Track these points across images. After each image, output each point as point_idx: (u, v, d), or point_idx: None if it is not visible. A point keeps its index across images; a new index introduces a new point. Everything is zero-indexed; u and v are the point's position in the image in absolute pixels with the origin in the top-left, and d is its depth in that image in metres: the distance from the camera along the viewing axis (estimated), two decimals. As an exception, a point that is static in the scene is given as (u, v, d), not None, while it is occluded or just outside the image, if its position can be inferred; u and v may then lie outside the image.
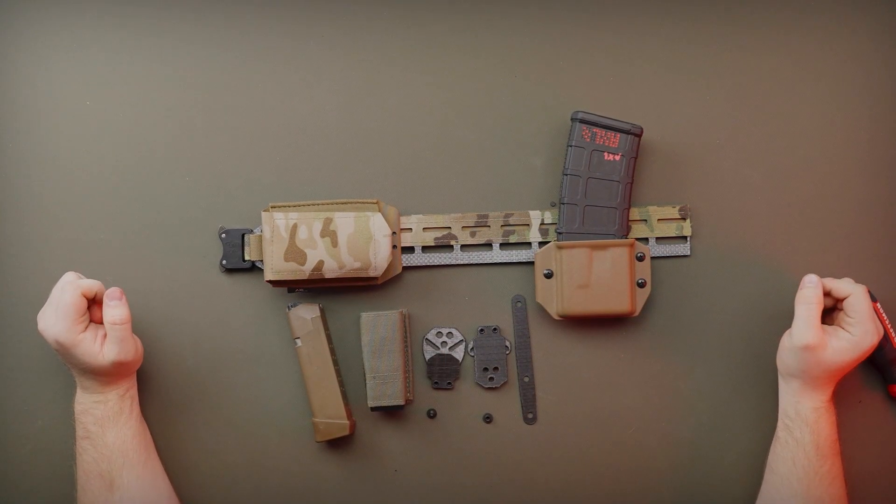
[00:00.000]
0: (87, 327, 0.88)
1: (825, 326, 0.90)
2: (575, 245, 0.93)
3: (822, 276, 0.95)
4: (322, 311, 0.95)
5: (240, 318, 0.96)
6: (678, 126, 0.97)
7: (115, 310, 0.88)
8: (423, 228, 0.96)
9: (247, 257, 0.96)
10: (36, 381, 0.96)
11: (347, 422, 0.94)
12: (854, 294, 0.89)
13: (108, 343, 0.88)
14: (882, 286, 0.95)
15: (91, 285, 0.89)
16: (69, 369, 0.91)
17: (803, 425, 0.89)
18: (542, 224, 0.96)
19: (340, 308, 0.97)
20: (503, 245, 0.97)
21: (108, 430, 0.89)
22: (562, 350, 0.97)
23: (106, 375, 0.89)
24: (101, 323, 0.89)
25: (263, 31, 0.97)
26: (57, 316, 0.86)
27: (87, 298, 0.88)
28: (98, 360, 0.87)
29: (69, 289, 0.87)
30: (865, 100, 0.96)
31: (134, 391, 0.92)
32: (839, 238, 0.96)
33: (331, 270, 0.92)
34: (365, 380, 0.94)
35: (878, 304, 0.93)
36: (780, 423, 0.91)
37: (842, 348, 0.87)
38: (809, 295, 0.89)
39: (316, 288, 0.96)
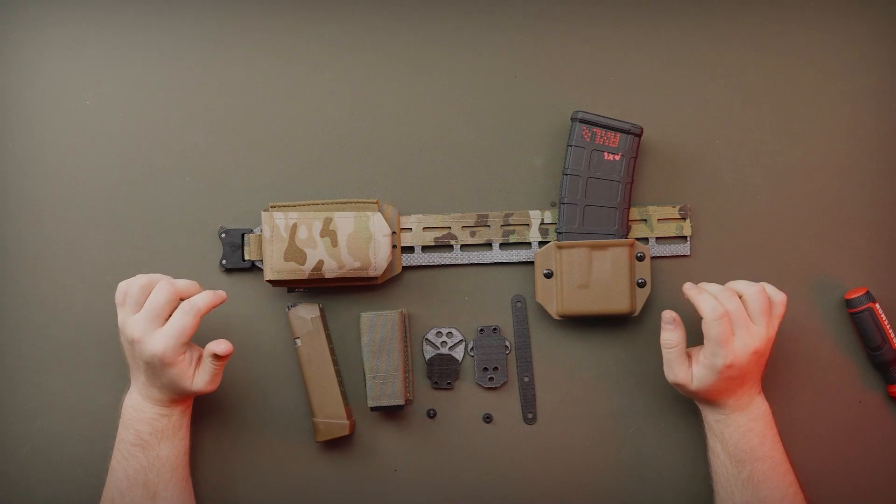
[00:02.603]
0: (186, 348, 0.87)
1: (694, 352, 0.90)
2: (575, 245, 0.93)
3: (821, 274, 0.95)
4: (322, 311, 0.95)
5: (240, 318, 0.96)
6: (678, 126, 0.97)
7: (222, 345, 0.86)
8: (423, 228, 0.96)
9: (247, 257, 0.96)
10: (35, 380, 0.96)
11: (347, 422, 0.94)
12: (704, 320, 0.86)
13: (202, 373, 0.87)
14: (882, 286, 0.95)
15: (206, 302, 0.86)
16: (136, 375, 0.88)
17: (712, 436, 0.90)
18: (542, 224, 0.96)
19: (340, 308, 0.97)
20: (503, 245, 0.97)
21: (164, 442, 0.88)
22: (562, 350, 0.97)
23: (182, 396, 0.88)
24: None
25: (263, 30, 0.97)
26: (166, 334, 0.84)
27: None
28: (185, 384, 0.87)
29: (190, 311, 0.85)
30: (866, 99, 0.96)
31: (191, 408, 0.92)
32: (839, 238, 0.96)
33: (331, 270, 0.92)
34: (365, 380, 0.94)
35: (878, 305, 0.93)
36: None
37: (699, 375, 0.88)
38: (665, 339, 0.89)
39: (316, 288, 0.96)
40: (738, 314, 0.86)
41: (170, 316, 0.86)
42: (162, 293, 0.85)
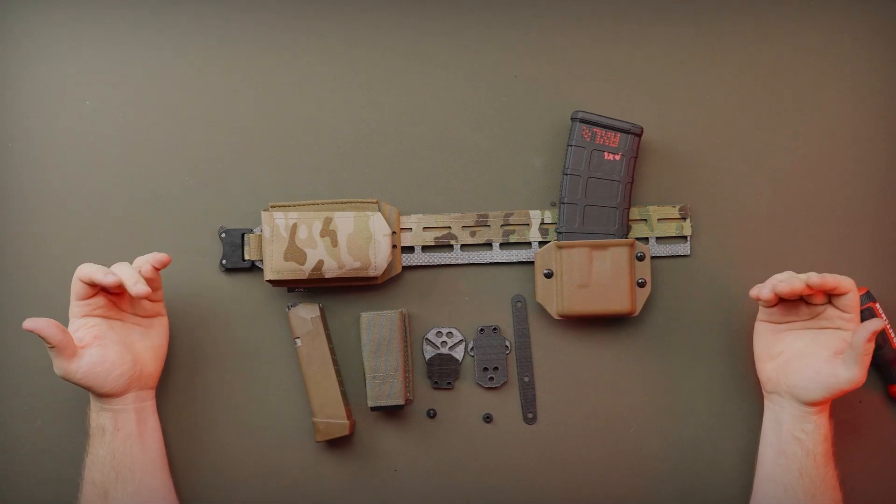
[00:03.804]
0: (86, 313, 0.87)
1: (838, 346, 0.85)
2: (575, 245, 0.93)
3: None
4: (322, 311, 0.95)
5: (239, 318, 0.96)
6: (678, 126, 0.97)
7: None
8: (423, 228, 0.96)
9: (247, 257, 0.96)
10: (35, 380, 0.96)
11: (347, 422, 0.94)
12: (850, 294, 0.83)
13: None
14: (882, 286, 0.95)
15: (89, 272, 0.85)
16: None
17: (816, 435, 0.86)
18: (542, 224, 0.96)
19: (340, 308, 0.97)
20: (503, 245, 0.97)
21: (98, 441, 0.88)
22: (562, 350, 0.97)
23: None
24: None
25: (263, 30, 0.97)
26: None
27: (87, 283, 0.86)
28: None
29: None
30: (866, 99, 0.96)
31: (118, 415, 0.88)
32: (839, 238, 0.96)
33: (331, 270, 0.92)
34: (365, 380, 0.94)
35: (878, 305, 0.93)
36: (786, 437, 0.87)
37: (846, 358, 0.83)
38: (870, 346, 0.81)
39: (316, 288, 0.96)
40: None
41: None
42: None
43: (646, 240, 0.96)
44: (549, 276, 0.94)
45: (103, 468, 0.87)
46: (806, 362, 0.86)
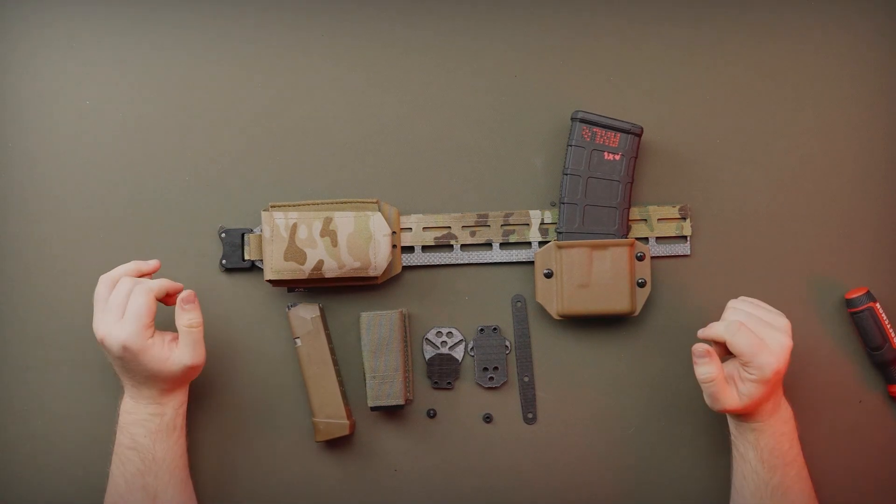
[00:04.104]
0: (154, 331, 0.87)
1: (729, 370, 0.87)
2: (575, 245, 0.93)
3: (821, 274, 0.95)
4: (322, 310, 0.95)
5: (239, 318, 0.96)
6: (678, 126, 0.97)
7: (190, 313, 0.87)
8: (423, 228, 0.96)
9: (247, 257, 0.96)
10: (35, 380, 0.96)
11: (347, 421, 0.94)
12: (729, 340, 0.85)
13: (182, 347, 0.87)
14: (882, 286, 0.95)
15: (161, 286, 0.87)
16: (123, 379, 0.89)
17: (745, 442, 0.88)
18: (542, 224, 0.96)
19: (340, 308, 0.97)
20: (503, 245, 0.97)
21: (159, 444, 0.87)
22: (562, 350, 0.97)
23: (170, 382, 0.87)
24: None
25: (264, 31, 0.97)
26: (126, 321, 0.84)
27: (158, 300, 0.87)
28: (167, 365, 0.86)
29: (141, 292, 0.85)
30: (865, 100, 0.96)
31: (185, 407, 0.91)
32: (839, 238, 0.96)
33: (331, 270, 0.92)
34: (365, 380, 0.94)
35: (878, 304, 0.93)
36: (731, 437, 0.90)
37: (749, 391, 0.84)
38: (702, 373, 0.85)
39: (316, 288, 0.96)
40: (752, 318, 0.85)
41: None
42: (122, 288, 0.86)
43: (646, 240, 0.96)
44: (549, 276, 0.94)
45: (159, 470, 0.87)
46: None
